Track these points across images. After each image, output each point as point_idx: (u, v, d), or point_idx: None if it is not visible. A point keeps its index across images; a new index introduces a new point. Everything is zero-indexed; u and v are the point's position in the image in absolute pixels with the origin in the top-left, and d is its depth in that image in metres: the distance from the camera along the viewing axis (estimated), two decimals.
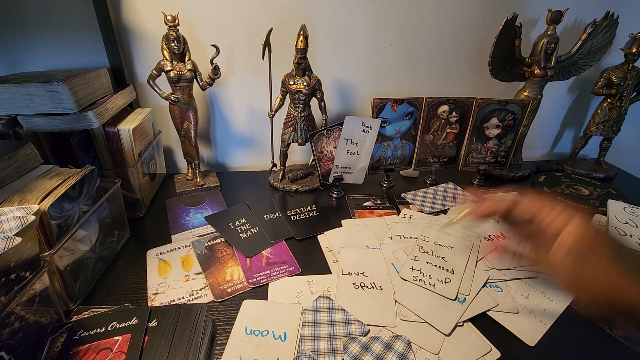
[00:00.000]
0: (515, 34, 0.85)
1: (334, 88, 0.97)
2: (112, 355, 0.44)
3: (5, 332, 0.40)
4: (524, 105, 0.85)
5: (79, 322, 0.49)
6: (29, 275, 0.44)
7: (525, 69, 0.89)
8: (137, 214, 0.78)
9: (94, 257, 0.60)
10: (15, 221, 0.42)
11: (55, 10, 0.78)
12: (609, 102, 0.96)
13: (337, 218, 0.77)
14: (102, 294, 0.58)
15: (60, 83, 0.61)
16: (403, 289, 0.58)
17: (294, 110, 0.83)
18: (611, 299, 0.36)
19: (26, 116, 0.62)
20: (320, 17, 0.86)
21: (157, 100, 0.86)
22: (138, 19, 0.82)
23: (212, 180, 0.92)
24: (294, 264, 0.65)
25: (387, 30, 0.90)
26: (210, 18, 0.84)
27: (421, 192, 0.88)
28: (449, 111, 0.86)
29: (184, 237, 0.72)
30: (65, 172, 0.56)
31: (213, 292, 0.58)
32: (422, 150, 0.90)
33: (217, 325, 0.53)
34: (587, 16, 0.92)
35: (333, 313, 0.54)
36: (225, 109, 0.96)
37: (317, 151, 0.82)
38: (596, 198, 0.87)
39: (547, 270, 0.43)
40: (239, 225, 0.74)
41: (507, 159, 0.92)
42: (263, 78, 0.81)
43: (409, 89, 0.98)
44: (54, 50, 0.82)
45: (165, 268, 0.63)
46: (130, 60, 0.86)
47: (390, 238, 0.70)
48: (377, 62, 0.94)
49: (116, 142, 0.72)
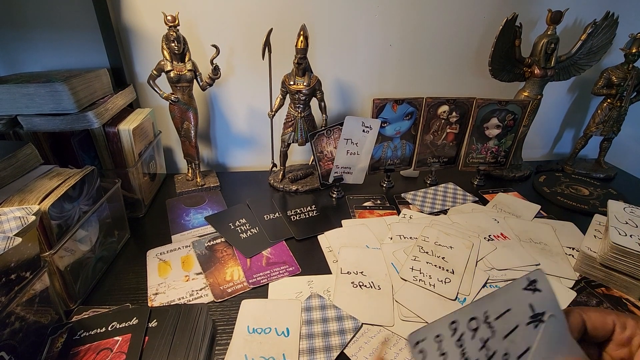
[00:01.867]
0: (515, 34, 0.85)
1: (334, 88, 0.97)
2: (112, 355, 0.44)
3: (5, 332, 0.40)
4: (524, 106, 0.85)
5: (79, 322, 0.49)
6: (29, 275, 0.44)
7: (525, 69, 0.89)
8: (137, 214, 0.78)
9: (94, 257, 0.60)
10: (15, 221, 0.42)
11: (55, 10, 0.78)
12: (609, 102, 0.96)
13: (337, 218, 0.77)
14: (102, 294, 0.58)
15: (61, 83, 0.61)
16: (403, 289, 0.58)
17: (294, 110, 0.83)
18: None
19: (26, 116, 0.62)
20: (320, 17, 0.86)
21: (157, 100, 0.87)
22: (138, 19, 0.82)
23: (212, 180, 0.92)
24: (294, 264, 0.65)
25: (388, 31, 0.90)
26: (211, 18, 0.84)
27: (421, 192, 0.88)
28: (449, 111, 0.86)
29: (184, 237, 0.72)
30: (66, 172, 0.56)
31: (213, 292, 0.58)
32: (422, 150, 0.90)
33: (217, 325, 0.53)
34: (587, 16, 0.92)
35: (325, 310, 0.54)
36: (225, 109, 0.96)
37: (317, 151, 0.83)
38: (596, 198, 0.87)
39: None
40: (239, 225, 0.74)
41: (507, 159, 0.93)
42: (263, 78, 0.81)
43: (409, 89, 0.98)
44: (54, 50, 0.82)
45: (165, 268, 0.63)
46: (130, 60, 0.86)
47: (390, 238, 0.70)
48: (377, 62, 0.94)
49: (116, 142, 0.72)
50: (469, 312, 0.34)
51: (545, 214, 0.81)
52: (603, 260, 0.58)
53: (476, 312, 0.34)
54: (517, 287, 0.33)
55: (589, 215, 0.75)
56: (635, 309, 0.56)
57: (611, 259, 0.57)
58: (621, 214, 0.63)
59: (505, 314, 0.32)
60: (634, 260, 0.55)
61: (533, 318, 0.31)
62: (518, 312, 0.32)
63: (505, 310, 0.33)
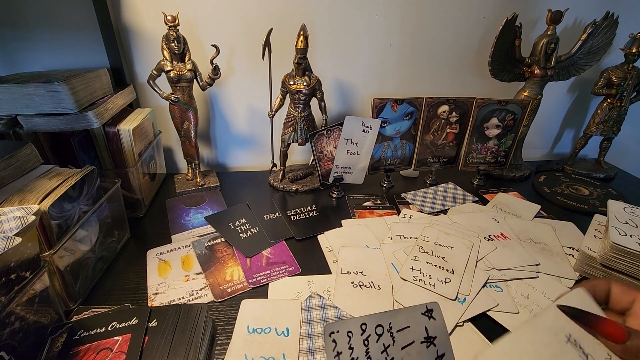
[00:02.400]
0: (515, 34, 0.85)
1: (334, 88, 0.97)
2: (112, 355, 0.44)
3: (5, 332, 0.40)
4: (524, 106, 0.85)
5: (79, 322, 0.49)
6: (29, 275, 0.44)
7: (525, 69, 0.89)
8: (137, 214, 0.78)
9: (94, 257, 0.60)
10: (15, 221, 0.42)
11: (55, 10, 0.78)
12: (609, 102, 0.96)
13: (337, 218, 0.77)
14: (102, 294, 0.58)
15: (61, 83, 0.61)
16: (403, 289, 0.58)
17: (294, 110, 0.83)
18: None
19: (26, 116, 0.62)
20: (320, 17, 0.86)
21: (157, 100, 0.87)
22: (138, 19, 0.82)
23: (212, 180, 0.92)
24: (294, 264, 0.65)
25: (387, 30, 0.90)
26: (211, 18, 0.84)
27: (421, 192, 0.88)
28: (449, 111, 0.86)
29: (184, 237, 0.72)
30: (65, 172, 0.56)
31: (213, 292, 0.58)
32: (422, 150, 0.90)
33: (217, 325, 0.53)
34: (587, 16, 0.92)
35: (325, 310, 0.54)
36: (225, 109, 0.96)
37: (317, 151, 0.82)
38: (596, 198, 0.87)
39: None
40: (239, 225, 0.74)
41: (507, 159, 0.93)
42: (263, 78, 0.81)
43: (409, 89, 0.98)
44: (54, 50, 0.82)
45: (165, 268, 0.63)
46: (130, 60, 0.86)
47: (390, 238, 0.70)
48: (377, 62, 0.94)
49: (116, 142, 0.72)
50: (377, 319, 0.41)
51: (545, 214, 0.81)
52: (603, 260, 0.58)
53: (383, 321, 0.41)
54: (417, 311, 0.42)
55: (589, 215, 0.75)
56: None
57: (611, 259, 0.57)
58: (621, 214, 0.63)
59: (405, 329, 0.41)
60: (634, 260, 0.55)
61: (426, 339, 0.40)
62: (415, 330, 0.41)
63: (405, 327, 0.41)
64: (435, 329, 0.41)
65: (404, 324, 0.41)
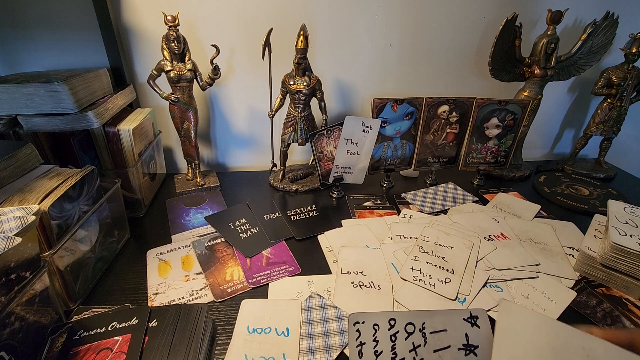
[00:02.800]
0: (515, 34, 0.85)
1: (334, 88, 0.97)
2: (112, 355, 0.44)
3: (5, 332, 0.40)
4: (524, 105, 0.85)
5: (79, 322, 0.49)
6: (29, 275, 0.44)
7: (525, 69, 0.89)
8: (137, 214, 0.78)
9: (94, 257, 0.60)
10: (15, 221, 0.42)
11: (55, 10, 0.78)
12: (609, 102, 0.96)
13: (337, 218, 0.77)
14: (102, 294, 0.58)
15: (60, 83, 0.61)
16: (403, 289, 0.58)
17: (294, 110, 0.83)
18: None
19: (26, 116, 0.62)
20: (320, 17, 0.86)
21: (157, 100, 0.87)
22: (138, 19, 0.82)
23: (212, 180, 0.92)
24: (294, 264, 0.65)
25: (387, 30, 0.90)
26: (211, 18, 0.84)
27: (421, 192, 0.88)
28: (449, 111, 0.86)
29: (184, 237, 0.72)
30: (65, 172, 0.56)
31: (213, 292, 0.58)
32: (422, 150, 0.90)
33: (217, 325, 0.53)
34: (587, 16, 0.92)
35: (325, 310, 0.54)
36: (225, 109, 0.96)
37: (317, 151, 0.82)
38: (596, 198, 0.87)
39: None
40: (239, 225, 0.74)
41: (507, 159, 0.93)
42: (263, 78, 0.81)
43: (409, 89, 0.98)
44: (54, 50, 0.82)
45: (165, 268, 0.63)
46: (130, 60, 0.86)
47: (390, 238, 0.70)
48: (377, 62, 0.94)
49: (116, 142, 0.72)
50: (408, 317, 0.40)
51: (545, 214, 0.81)
52: (603, 260, 0.58)
53: (415, 320, 0.40)
54: (458, 315, 0.40)
55: (589, 215, 0.75)
56: (636, 308, 0.56)
57: (611, 259, 0.57)
58: (621, 214, 0.63)
59: (441, 332, 0.39)
60: (634, 260, 0.55)
61: (465, 347, 0.38)
62: (453, 335, 0.38)
63: (442, 329, 0.39)
64: (478, 338, 0.38)
65: (440, 327, 0.39)
